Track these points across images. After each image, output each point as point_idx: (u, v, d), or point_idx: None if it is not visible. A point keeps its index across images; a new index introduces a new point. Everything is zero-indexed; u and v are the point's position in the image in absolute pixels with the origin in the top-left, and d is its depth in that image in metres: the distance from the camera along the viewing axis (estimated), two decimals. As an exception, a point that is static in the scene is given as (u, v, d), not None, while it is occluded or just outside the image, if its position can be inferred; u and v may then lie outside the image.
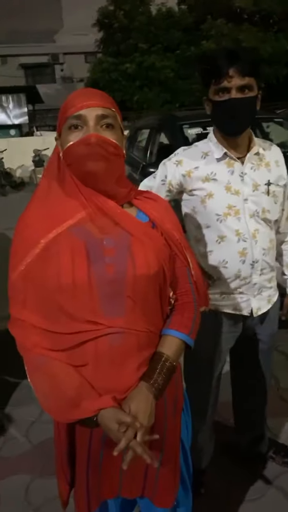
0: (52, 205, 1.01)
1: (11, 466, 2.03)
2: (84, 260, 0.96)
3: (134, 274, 0.98)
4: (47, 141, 11.96)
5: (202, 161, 1.49)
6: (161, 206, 1.12)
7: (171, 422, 1.13)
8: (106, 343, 0.97)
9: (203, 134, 4.09)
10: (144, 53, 15.63)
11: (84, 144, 0.96)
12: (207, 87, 1.45)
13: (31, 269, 0.98)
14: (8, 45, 23.95)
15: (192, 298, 1.12)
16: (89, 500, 1.14)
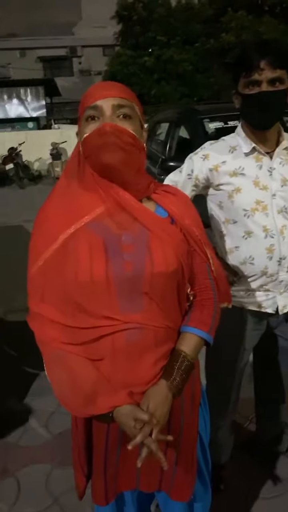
0: (71, 200, 1.01)
1: (31, 456, 2.06)
2: (102, 256, 0.96)
3: (152, 271, 0.97)
4: (64, 134, 12.00)
5: (229, 155, 1.47)
6: (181, 201, 1.10)
7: (188, 417, 1.13)
8: (123, 338, 0.97)
9: (223, 128, 4.05)
10: (162, 46, 15.49)
11: (98, 134, 0.95)
12: (235, 80, 1.42)
13: (50, 264, 0.98)
14: (27, 38, 24.02)
15: (212, 295, 1.11)
16: (107, 491, 1.15)
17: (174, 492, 1.17)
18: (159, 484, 1.17)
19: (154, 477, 1.15)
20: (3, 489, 1.88)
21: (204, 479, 1.27)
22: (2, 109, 16.24)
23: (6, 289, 4.12)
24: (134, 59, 15.79)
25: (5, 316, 3.57)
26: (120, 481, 1.15)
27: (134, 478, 1.15)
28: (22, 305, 1.04)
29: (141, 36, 16.08)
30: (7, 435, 2.20)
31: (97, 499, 1.18)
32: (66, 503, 1.79)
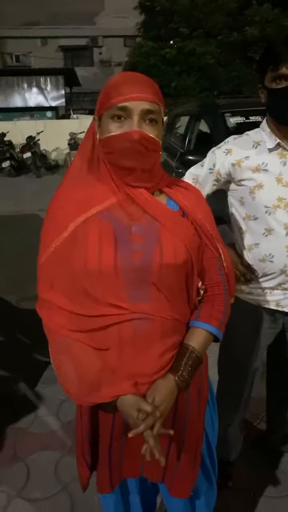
0: (84, 189, 1.01)
1: (41, 442, 2.08)
2: (111, 245, 0.96)
3: (160, 262, 0.97)
4: (83, 125, 11.98)
5: (253, 150, 1.45)
6: (193, 195, 1.10)
7: (194, 412, 1.13)
8: (130, 328, 0.98)
9: (244, 123, 3.99)
10: (185, 38, 15.30)
11: (126, 139, 0.95)
12: (262, 75, 1.39)
13: (60, 252, 0.99)
14: (49, 26, 24.01)
15: (223, 290, 1.10)
16: (111, 479, 1.17)
17: (175, 487, 1.17)
18: (163, 477, 1.17)
19: (158, 468, 1.16)
20: (12, 474, 1.91)
21: (209, 476, 1.26)
22: (22, 98, 16.30)
23: (19, 277, 4.16)
24: (156, 50, 15.63)
25: (18, 304, 3.61)
26: (125, 468, 1.16)
27: (138, 465, 1.16)
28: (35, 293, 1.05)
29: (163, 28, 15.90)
30: (18, 421, 2.23)
31: (102, 487, 1.19)
32: (74, 491, 1.81)
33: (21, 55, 24.40)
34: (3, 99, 16.07)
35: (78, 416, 1.18)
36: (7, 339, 3.07)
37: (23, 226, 6.03)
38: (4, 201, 7.53)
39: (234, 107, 4.30)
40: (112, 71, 23.82)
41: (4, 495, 1.81)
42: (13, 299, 3.68)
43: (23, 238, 5.42)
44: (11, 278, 4.16)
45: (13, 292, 3.79)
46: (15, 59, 24.49)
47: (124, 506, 1.30)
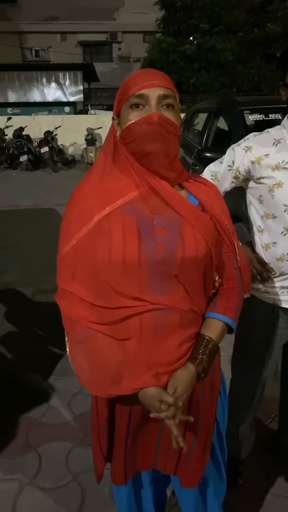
0: (108, 182, 1.03)
1: (53, 433, 2.11)
2: (135, 238, 0.98)
3: (183, 255, 0.99)
4: (100, 120, 12.02)
5: (273, 148, 1.43)
6: (211, 190, 1.12)
7: (207, 402, 1.15)
8: (151, 319, 0.99)
9: (264, 121, 3.94)
10: (205, 34, 15.15)
11: (146, 122, 0.97)
12: (284, 72, 1.38)
13: (83, 243, 1.00)
14: (68, 22, 24.06)
15: (237, 284, 1.13)
16: (126, 471, 1.19)
17: (186, 477, 1.19)
18: (175, 469, 1.20)
19: (171, 461, 1.18)
20: (24, 462, 1.94)
21: (219, 467, 1.28)
22: (40, 93, 16.40)
23: (35, 270, 4.21)
24: (175, 46, 15.52)
25: (33, 297, 3.66)
26: (138, 461, 1.19)
27: (151, 458, 1.18)
28: (50, 286, 1.06)
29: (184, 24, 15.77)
30: (30, 412, 2.26)
31: (117, 479, 1.22)
32: (85, 481, 1.84)
33: (41, 50, 24.51)
34: (22, 94, 16.20)
35: (93, 408, 1.20)
36: (22, 331, 3.11)
37: (39, 220, 6.09)
38: (21, 195, 7.61)
39: (254, 104, 4.26)
40: (131, 67, 23.77)
41: (17, 483, 1.84)
42: (28, 291, 3.73)
43: (39, 232, 5.49)
44: (27, 271, 4.21)
45: (29, 285, 3.84)
46: (34, 54, 24.61)
47: (136, 498, 1.33)
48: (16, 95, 16.17)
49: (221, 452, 1.27)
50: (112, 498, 1.73)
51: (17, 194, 7.75)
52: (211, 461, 1.22)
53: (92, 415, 1.22)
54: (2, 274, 4.12)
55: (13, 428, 2.15)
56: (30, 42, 24.48)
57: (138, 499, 1.33)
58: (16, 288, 3.80)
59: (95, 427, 1.22)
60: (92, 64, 18.29)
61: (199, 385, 1.08)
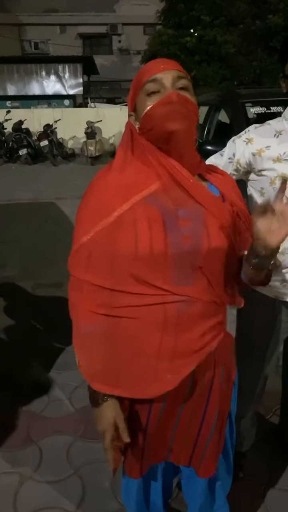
0: (128, 174, 1.01)
1: (54, 426, 2.11)
2: (161, 229, 0.97)
3: (209, 246, 0.99)
4: (100, 114, 11.96)
5: (274, 140, 1.42)
6: (228, 180, 1.12)
7: (224, 392, 1.15)
8: (175, 309, 0.99)
9: (265, 113, 3.92)
10: (206, 26, 15.01)
11: (165, 103, 0.95)
12: (283, 63, 1.37)
13: (102, 236, 0.98)
14: (68, 13, 23.86)
15: None
16: (142, 464, 1.20)
17: (202, 468, 1.20)
18: (189, 460, 1.20)
19: (186, 453, 1.19)
20: (25, 456, 1.94)
21: (229, 459, 1.29)
22: (40, 86, 16.30)
23: (35, 264, 4.21)
24: (176, 39, 15.38)
25: (33, 291, 3.65)
26: (152, 453, 1.19)
27: (165, 451, 1.19)
28: (50, 280, 1.04)
29: (184, 15, 15.61)
30: (31, 405, 2.26)
31: (132, 472, 1.22)
32: (85, 475, 1.84)
33: (40, 42, 24.35)
34: (22, 86, 16.10)
35: None
36: (22, 325, 3.10)
37: (39, 214, 6.08)
38: (21, 189, 7.59)
39: (255, 97, 4.24)
40: (131, 59, 23.61)
41: (17, 476, 1.84)
42: (28, 285, 3.72)
43: (39, 226, 5.47)
44: (27, 265, 4.20)
45: (28, 279, 3.83)
46: (33, 46, 24.46)
47: (145, 491, 1.33)
48: (15, 88, 16.08)
49: (231, 443, 1.28)
50: (112, 491, 1.74)
51: (16, 188, 7.72)
52: (222, 453, 1.23)
53: None
54: (2, 268, 4.12)
55: (14, 421, 2.15)
56: (29, 34, 24.30)
57: (147, 492, 1.34)
58: (16, 282, 3.79)
59: None
60: (92, 56, 18.16)
61: (218, 373, 1.10)
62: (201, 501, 1.31)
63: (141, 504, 1.34)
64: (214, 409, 1.13)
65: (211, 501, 1.32)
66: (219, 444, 1.19)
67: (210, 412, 1.13)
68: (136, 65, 21.43)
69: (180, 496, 1.63)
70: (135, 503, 1.33)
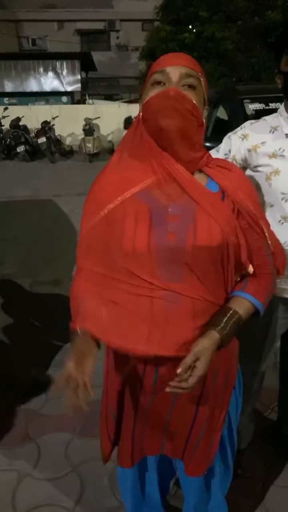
0: (126, 169, 1.02)
1: (52, 424, 2.11)
2: (146, 225, 0.97)
3: (194, 243, 0.97)
4: (98, 110, 11.93)
5: (270, 136, 1.41)
6: (235, 175, 1.08)
7: (219, 395, 1.14)
8: (162, 304, 0.99)
9: (264, 110, 3.90)
10: (204, 22, 14.94)
11: (162, 97, 0.95)
12: (278, 60, 1.36)
13: (96, 230, 1.03)
14: (66, 9, 23.72)
15: (269, 270, 1.10)
16: (133, 454, 1.20)
17: (191, 466, 1.20)
18: (182, 454, 1.20)
19: (178, 446, 1.19)
20: (24, 453, 1.95)
21: (226, 458, 1.29)
22: (37, 82, 16.22)
23: (33, 261, 4.20)
24: (174, 35, 15.31)
25: (31, 288, 3.65)
26: (146, 444, 1.20)
27: (159, 443, 1.19)
28: (48, 277, 1.05)
29: (183, 11, 15.53)
30: (29, 403, 2.26)
31: (124, 462, 1.23)
32: (84, 472, 1.84)
33: (37, 39, 24.19)
34: (19, 83, 16.02)
35: (104, 392, 1.22)
36: (20, 322, 3.10)
37: (37, 211, 6.06)
38: (19, 186, 7.56)
39: (254, 93, 4.22)
40: (129, 56, 23.49)
41: (16, 474, 1.84)
42: (26, 283, 3.72)
43: (37, 223, 5.46)
44: (24, 262, 4.19)
45: (26, 276, 3.83)
46: (31, 42, 24.29)
47: (141, 483, 1.34)
48: (12, 84, 16.00)
49: (231, 445, 1.27)
50: (111, 488, 1.75)
51: (14, 185, 7.70)
52: (219, 453, 1.23)
53: (102, 400, 1.23)
54: (0, 266, 4.11)
55: (12, 419, 2.15)
56: (26, 31, 24.13)
57: (142, 484, 1.35)
58: (14, 279, 3.79)
59: (103, 410, 1.23)
60: (90, 53, 18.06)
61: (211, 375, 1.07)
62: (196, 499, 1.31)
63: (137, 496, 1.35)
64: (205, 410, 1.12)
65: (207, 499, 1.32)
66: (211, 446, 1.17)
67: (201, 413, 1.12)
68: (134, 61, 21.32)
69: (179, 494, 1.63)
70: (131, 495, 1.34)
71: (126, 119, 11.40)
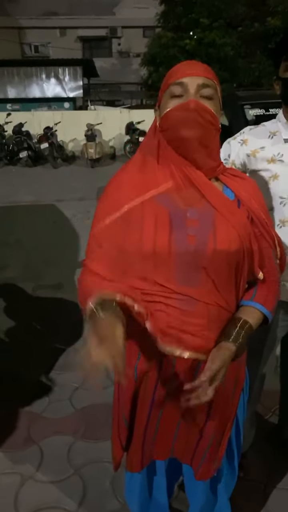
0: (143, 173, 1.04)
1: (55, 427, 2.12)
2: (166, 228, 0.98)
3: (214, 248, 0.99)
4: (100, 116, 11.97)
5: (269, 141, 1.44)
6: (249, 185, 1.11)
7: (229, 398, 1.15)
8: (177, 306, 1.00)
9: (264, 115, 3.94)
10: (205, 29, 15.05)
11: (182, 109, 0.97)
12: (277, 66, 1.39)
13: (110, 230, 1.02)
14: (68, 17, 23.92)
15: (277, 277, 1.12)
16: (143, 458, 1.21)
17: (200, 471, 1.20)
18: (191, 459, 1.21)
19: (188, 451, 1.19)
20: (26, 456, 1.95)
21: (233, 460, 1.29)
22: (40, 88, 16.32)
23: (35, 265, 4.22)
24: (175, 41, 15.41)
25: (34, 292, 3.66)
26: (156, 449, 1.20)
27: (169, 447, 1.20)
28: (51, 281, 1.06)
29: (184, 18, 15.64)
30: (32, 406, 2.27)
31: (133, 466, 1.23)
32: (86, 475, 1.84)
33: (40, 45, 24.39)
34: (22, 89, 16.13)
35: (115, 399, 1.22)
36: (22, 326, 3.11)
37: (39, 215, 6.09)
38: (21, 191, 7.60)
39: (254, 99, 4.26)
40: (131, 62, 23.66)
41: (18, 477, 1.85)
42: (29, 287, 3.73)
43: (39, 228, 5.48)
44: (27, 266, 4.21)
45: (29, 280, 3.84)
46: (34, 49, 24.49)
47: (149, 487, 1.34)
48: (15, 91, 16.11)
49: (237, 447, 1.28)
50: (113, 491, 1.75)
51: (17, 190, 7.73)
52: (226, 454, 1.23)
53: (114, 405, 1.24)
54: (3, 270, 4.13)
55: (15, 422, 2.16)
56: (29, 38, 24.34)
57: (150, 488, 1.35)
58: (17, 283, 3.80)
59: (115, 417, 1.24)
60: (92, 59, 18.21)
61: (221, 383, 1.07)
62: (203, 502, 1.31)
63: (145, 501, 1.34)
64: (215, 414, 1.13)
65: (213, 501, 1.32)
66: (220, 448, 1.18)
67: (212, 417, 1.13)
68: (136, 67, 21.49)
69: (181, 497, 1.64)
70: (139, 500, 1.33)
71: (127, 124, 11.44)
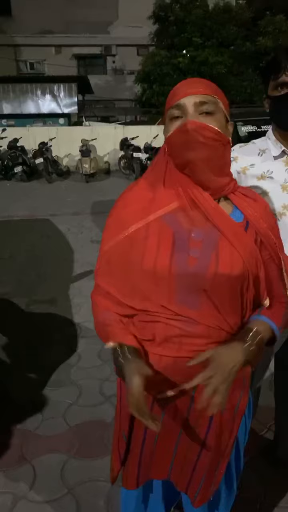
0: (151, 191, 1.04)
1: (48, 445, 2.09)
2: (169, 248, 0.98)
3: (215, 271, 0.98)
4: (95, 132, 12.10)
5: (258, 158, 1.47)
6: (260, 206, 1.07)
7: (228, 423, 1.12)
8: (176, 327, 1.00)
9: (256, 132, 4.01)
10: (198, 48, 15.40)
11: (180, 132, 0.95)
12: (266, 84, 1.42)
13: (117, 248, 1.04)
14: (63, 35, 24.33)
15: (284, 300, 1.09)
16: (138, 476, 1.19)
17: (198, 498, 1.18)
18: (186, 488, 1.19)
19: (183, 479, 1.17)
20: (19, 475, 1.92)
21: (232, 484, 1.27)
22: (35, 105, 16.51)
23: (29, 280, 4.20)
24: (168, 59, 15.73)
25: (27, 307, 3.64)
26: (153, 468, 1.19)
27: (167, 468, 1.18)
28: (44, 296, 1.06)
29: (177, 37, 16.02)
30: (25, 423, 2.24)
31: (128, 483, 1.22)
32: (80, 494, 1.81)
33: (36, 63, 24.74)
34: (17, 105, 16.31)
35: (117, 413, 1.22)
36: (16, 341, 3.09)
37: (34, 230, 6.09)
38: (16, 206, 7.61)
39: (246, 116, 4.34)
40: (125, 79, 24.05)
41: (10, 496, 1.81)
42: (22, 302, 3.71)
43: (34, 243, 5.48)
44: (20, 281, 4.20)
45: (23, 295, 3.82)
46: (29, 66, 24.83)
47: (145, 505, 1.32)
48: (11, 106, 16.28)
49: (236, 469, 1.26)
50: (107, 510, 1.72)
51: (11, 204, 7.75)
52: (224, 478, 1.21)
53: (116, 418, 1.24)
54: (-4, 285, 4.11)
55: (8, 440, 2.12)
56: (25, 55, 24.69)
57: (146, 505, 1.32)
58: (10, 298, 3.78)
59: (116, 429, 1.23)
60: (87, 76, 18.49)
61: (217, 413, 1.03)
62: None
63: None
64: (212, 438, 1.10)
65: None
66: (217, 473, 1.16)
67: (210, 440, 1.10)
68: (130, 84, 21.84)
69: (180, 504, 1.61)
70: None
71: (122, 140, 11.56)
